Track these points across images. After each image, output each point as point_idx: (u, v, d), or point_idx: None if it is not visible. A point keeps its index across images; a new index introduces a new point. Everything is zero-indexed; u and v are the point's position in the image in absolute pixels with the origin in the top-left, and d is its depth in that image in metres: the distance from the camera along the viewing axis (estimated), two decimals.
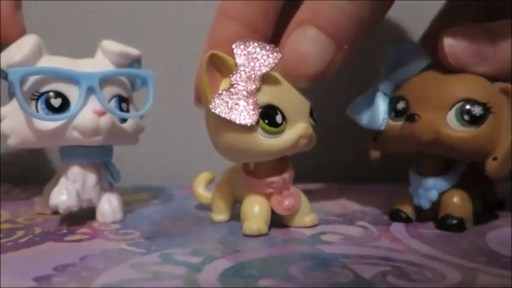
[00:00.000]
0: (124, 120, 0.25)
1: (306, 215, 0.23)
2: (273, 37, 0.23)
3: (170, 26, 0.41)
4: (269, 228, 0.23)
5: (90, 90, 0.23)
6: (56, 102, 0.23)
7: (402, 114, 0.23)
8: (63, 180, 0.24)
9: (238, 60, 0.21)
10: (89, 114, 0.23)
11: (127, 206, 0.28)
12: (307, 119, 0.22)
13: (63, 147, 0.25)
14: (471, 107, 0.21)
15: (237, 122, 0.20)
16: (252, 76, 0.21)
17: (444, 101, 0.22)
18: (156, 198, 0.32)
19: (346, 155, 0.40)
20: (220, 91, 0.21)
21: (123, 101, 0.25)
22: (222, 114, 0.20)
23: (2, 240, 0.21)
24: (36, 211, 0.27)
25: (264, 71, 0.21)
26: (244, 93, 0.20)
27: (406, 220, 0.24)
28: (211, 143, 0.22)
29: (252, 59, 0.21)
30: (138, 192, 0.34)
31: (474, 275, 0.17)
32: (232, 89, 0.20)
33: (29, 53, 0.23)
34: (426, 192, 0.23)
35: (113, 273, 0.17)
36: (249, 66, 0.21)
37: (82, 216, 0.25)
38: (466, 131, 0.21)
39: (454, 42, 0.21)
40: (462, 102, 0.21)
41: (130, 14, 0.41)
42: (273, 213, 0.23)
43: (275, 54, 0.21)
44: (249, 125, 0.20)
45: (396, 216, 0.25)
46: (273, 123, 0.21)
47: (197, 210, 0.28)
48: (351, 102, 0.25)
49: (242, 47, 0.21)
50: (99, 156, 0.25)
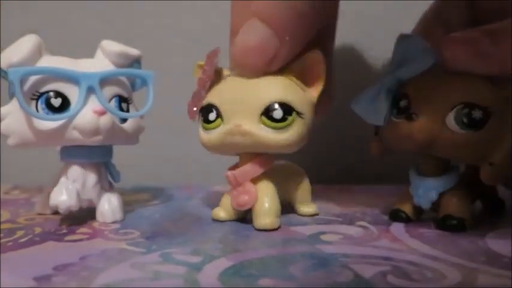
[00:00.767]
0: (124, 120, 0.25)
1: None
2: None
3: (170, 26, 0.41)
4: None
5: (90, 90, 0.23)
6: (56, 102, 0.23)
7: (404, 112, 0.23)
8: (63, 180, 0.24)
9: (205, 66, 0.23)
10: (89, 114, 0.23)
11: (127, 206, 0.28)
12: (251, 118, 0.22)
13: (63, 147, 0.25)
14: (471, 111, 0.21)
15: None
16: (205, 81, 0.23)
17: (444, 103, 0.21)
18: (156, 198, 0.32)
19: (347, 155, 0.40)
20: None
21: (123, 101, 0.25)
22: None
23: (2, 240, 0.21)
24: (36, 211, 0.27)
25: (211, 76, 0.23)
26: (198, 94, 0.23)
27: (406, 220, 0.24)
28: None
29: (210, 65, 0.23)
30: (138, 192, 0.34)
31: (474, 275, 0.17)
32: (195, 91, 0.24)
33: (29, 53, 0.23)
34: (426, 192, 0.23)
35: (112, 273, 0.17)
36: (207, 72, 0.23)
37: (82, 216, 0.25)
38: (465, 134, 0.21)
39: (456, 45, 0.22)
40: (462, 105, 0.21)
41: (130, 14, 0.41)
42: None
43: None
44: (191, 119, 0.23)
45: (396, 216, 0.25)
46: (207, 120, 0.23)
47: (197, 210, 0.28)
48: (350, 103, 0.25)
49: (211, 54, 0.23)
50: (99, 156, 0.25)
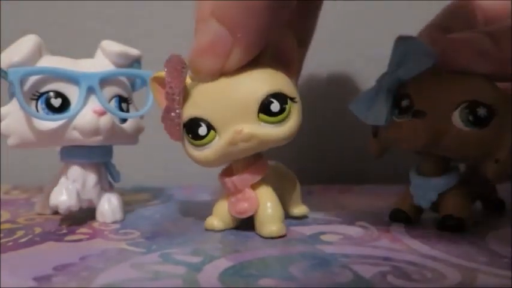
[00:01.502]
0: (124, 120, 0.25)
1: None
2: None
3: (170, 26, 0.41)
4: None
5: (90, 90, 0.23)
6: (56, 102, 0.23)
7: (406, 112, 0.23)
8: (63, 180, 0.24)
9: (166, 78, 0.21)
10: (89, 114, 0.23)
11: (127, 206, 0.28)
12: (249, 119, 0.20)
13: (63, 147, 0.25)
14: (476, 108, 0.21)
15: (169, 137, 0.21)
16: (171, 94, 0.20)
17: (450, 101, 0.21)
18: (156, 198, 0.32)
19: (346, 155, 0.40)
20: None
21: (123, 101, 0.25)
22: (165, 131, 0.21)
23: (2, 240, 0.21)
24: (36, 211, 0.27)
25: (178, 86, 0.20)
26: (169, 111, 0.21)
27: (406, 220, 0.24)
28: None
29: (171, 76, 0.20)
30: (138, 193, 0.34)
31: (474, 275, 0.17)
32: (165, 109, 0.21)
33: (29, 53, 0.23)
34: (426, 192, 0.23)
35: (112, 273, 0.17)
36: (170, 84, 0.20)
37: (82, 216, 0.25)
38: (470, 131, 0.21)
39: (457, 45, 0.22)
40: (467, 103, 0.21)
41: (130, 14, 0.41)
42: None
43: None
44: (175, 140, 0.21)
45: (396, 216, 0.25)
46: (196, 137, 0.21)
47: (197, 210, 0.28)
48: (349, 103, 0.25)
49: (167, 64, 0.21)
50: (99, 156, 0.25)
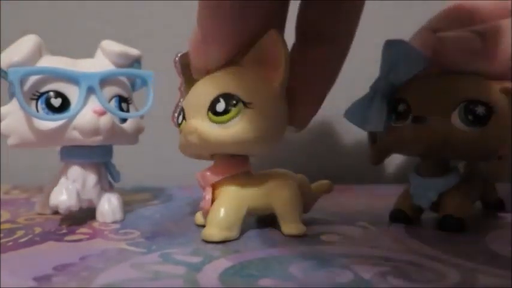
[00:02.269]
0: (124, 120, 0.25)
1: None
2: None
3: (170, 26, 0.41)
4: (267, 229, 0.23)
5: (90, 90, 0.23)
6: (56, 102, 0.23)
7: (404, 117, 0.23)
8: (63, 180, 0.24)
9: (178, 75, 0.24)
10: (89, 114, 0.23)
11: (127, 206, 0.28)
12: (201, 115, 0.21)
13: (63, 147, 0.25)
14: (475, 107, 0.21)
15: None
16: (180, 89, 0.23)
17: (448, 103, 0.22)
18: (156, 198, 0.32)
19: (347, 155, 0.40)
20: None
21: (123, 101, 0.25)
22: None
23: (2, 240, 0.21)
24: (36, 211, 0.27)
25: (182, 82, 0.23)
26: (178, 104, 0.24)
27: (406, 220, 0.24)
28: None
29: (178, 73, 0.23)
30: (138, 193, 0.34)
31: (474, 275, 0.17)
32: (177, 102, 0.24)
33: (29, 53, 0.23)
34: (426, 192, 0.23)
35: (112, 273, 0.17)
36: (180, 81, 0.23)
37: (82, 216, 0.25)
38: (472, 130, 0.21)
39: (447, 44, 0.22)
40: (466, 102, 0.21)
41: (130, 14, 0.41)
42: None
43: None
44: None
45: (396, 216, 0.25)
46: (179, 124, 0.23)
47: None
48: (351, 102, 0.25)
49: (174, 63, 0.23)
50: (99, 156, 0.25)
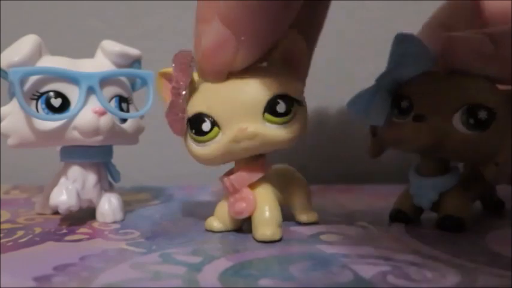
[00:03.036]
0: (124, 120, 0.25)
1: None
2: None
3: (170, 26, 0.41)
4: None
5: (90, 90, 0.23)
6: (56, 102, 0.23)
7: (406, 113, 0.23)
8: (63, 180, 0.24)
9: (173, 73, 0.21)
10: (89, 114, 0.23)
11: (127, 206, 0.28)
12: (254, 118, 0.20)
13: (63, 147, 0.25)
14: (477, 111, 0.21)
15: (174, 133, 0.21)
16: (177, 89, 0.21)
17: (450, 104, 0.21)
18: (156, 198, 0.32)
19: (347, 155, 0.40)
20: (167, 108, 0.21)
21: (123, 101, 0.25)
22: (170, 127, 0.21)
23: (2, 240, 0.21)
24: (36, 211, 0.27)
25: (185, 81, 0.21)
26: (174, 106, 0.21)
27: (406, 220, 0.24)
28: None
29: (179, 70, 0.21)
30: (138, 193, 0.34)
31: (474, 275, 0.17)
32: (170, 104, 0.21)
33: (29, 53, 0.23)
34: (426, 192, 0.23)
35: (112, 273, 0.17)
36: (176, 78, 0.21)
37: (82, 216, 0.25)
38: (471, 134, 0.21)
39: (457, 44, 0.22)
40: (468, 105, 0.21)
41: (130, 14, 0.41)
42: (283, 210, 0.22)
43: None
44: (178, 135, 0.21)
45: (396, 216, 0.25)
46: (200, 132, 0.21)
47: (197, 210, 0.28)
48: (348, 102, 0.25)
49: (175, 59, 0.21)
50: (99, 156, 0.25)
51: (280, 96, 0.20)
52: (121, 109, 0.25)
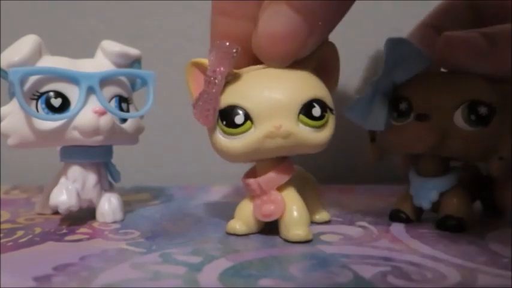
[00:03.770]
0: (124, 120, 0.25)
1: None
2: None
3: (170, 26, 0.41)
4: (267, 230, 0.22)
5: (90, 90, 0.23)
6: (56, 102, 0.23)
7: (405, 115, 0.23)
8: (63, 180, 0.24)
9: (210, 61, 0.21)
10: (89, 114, 0.23)
11: (127, 206, 0.28)
12: (290, 117, 0.20)
13: (63, 147, 0.25)
14: (477, 107, 0.21)
15: (200, 122, 0.21)
16: (212, 78, 0.20)
17: (450, 102, 0.22)
18: (156, 198, 0.32)
19: (347, 155, 0.40)
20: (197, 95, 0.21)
21: (123, 101, 0.25)
22: (195, 117, 0.21)
23: (2, 240, 0.21)
24: (36, 211, 0.27)
25: (223, 71, 0.20)
26: (205, 95, 0.20)
27: (406, 220, 0.24)
28: None
29: (218, 59, 0.20)
30: (138, 193, 0.34)
31: (474, 275, 0.17)
32: (201, 93, 0.21)
33: (29, 53, 0.23)
34: (426, 192, 0.23)
35: (113, 273, 0.17)
36: (212, 68, 0.20)
37: (82, 216, 0.25)
38: (474, 130, 0.21)
39: (454, 43, 0.22)
40: (468, 102, 0.21)
41: (130, 14, 0.41)
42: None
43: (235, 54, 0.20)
44: (206, 126, 0.21)
45: (396, 216, 0.25)
46: (231, 124, 0.20)
47: (197, 210, 0.28)
48: (351, 101, 0.25)
49: (216, 48, 0.20)
50: (99, 156, 0.25)
51: (316, 101, 0.20)
52: (121, 109, 0.25)
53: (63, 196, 0.23)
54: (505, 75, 0.22)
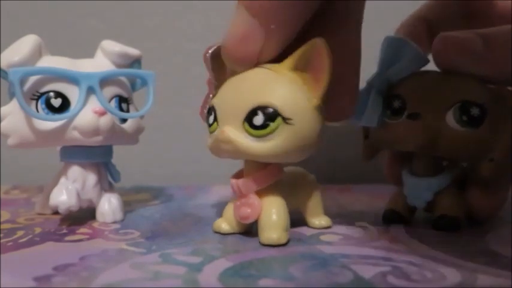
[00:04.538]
0: (124, 120, 0.25)
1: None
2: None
3: (170, 26, 0.41)
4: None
5: (90, 90, 0.23)
6: (56, 102, 0.23)
7: (399, 113, 0.23)
8: (63, 180, 0.24)
9: (208, 67, 0.21)
10: (89, 114, 0.23)
11: (127, 206, 0.28)
12: (236, 124, 0.20)
13: (63, 147, 0.25)
14: (469, 108, 0.21)
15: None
16: (209, 81, 0.22)
17: (442, 102, 0.22)
18: (156, 198, 0.32)
19: (346, 155, 0.40)
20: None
21: (123, 101, 0.25)
22: (200, 115, 0.23)
23: (2, 240, 0.21)
24: (36, 211, 0.27)
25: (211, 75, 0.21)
26: (207, 95, 0.22)
27: (400, 221, 0.24)
28: None
29: (206, 65, 0.21)
30: (138, 193, 0.34)
31: (474, 275, 0.17)
32: (206, 95, 0.22)
33: (29, 53, 0.23)
34: (421, 192, 0.23)
35: (113, 273, 0.17)
36: (212, 72, 0.21)
37: (82, 216, 0.25)
38: (465, 131, 0.21)
39: (449, 43, 0.22)
40: (460, 103, 0.21)
41: (130, 14, 0.41)
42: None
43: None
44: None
45: (390, 217, 0.24)
46: (208, 124, 0.21)
47: (197, 210, 0.28)
48: None
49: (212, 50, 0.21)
50: (99, 156, 0.25)
51: (262, 108, 0.19)
52: (121, 109, 0.25)
53: (63, 196, 0.23)
54: (502, 78, 0.22)
